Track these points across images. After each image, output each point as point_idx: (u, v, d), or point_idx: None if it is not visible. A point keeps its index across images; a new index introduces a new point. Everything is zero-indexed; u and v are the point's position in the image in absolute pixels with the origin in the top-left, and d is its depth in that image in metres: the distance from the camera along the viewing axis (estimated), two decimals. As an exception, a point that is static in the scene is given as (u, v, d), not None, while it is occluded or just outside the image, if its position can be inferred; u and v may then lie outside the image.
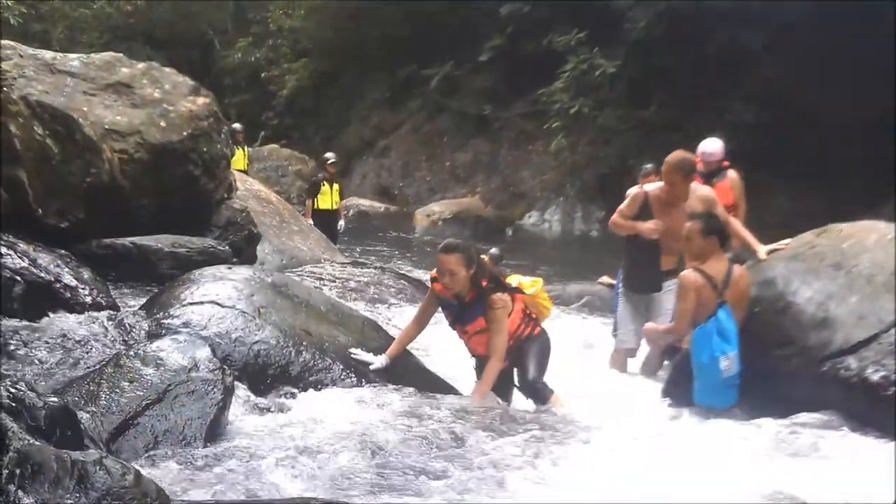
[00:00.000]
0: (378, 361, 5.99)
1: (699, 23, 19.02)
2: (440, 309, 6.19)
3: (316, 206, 14.58)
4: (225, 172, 9.10)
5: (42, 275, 6.01)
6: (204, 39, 36.45)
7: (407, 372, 6.11)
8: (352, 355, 5.99)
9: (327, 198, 14.66)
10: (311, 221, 14.00)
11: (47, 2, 32.97)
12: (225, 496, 3.86)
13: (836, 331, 5.91)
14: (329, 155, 15.54)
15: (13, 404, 3.33)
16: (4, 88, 7.06)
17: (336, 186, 14.94)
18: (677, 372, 6.58)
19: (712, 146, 9.59)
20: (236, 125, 17.90)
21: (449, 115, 27.09)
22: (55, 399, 3.67)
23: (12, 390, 3.41)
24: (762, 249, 6.86)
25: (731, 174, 9.69)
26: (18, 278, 5.78)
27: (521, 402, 6.25)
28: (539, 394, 6.09)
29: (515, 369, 6.22)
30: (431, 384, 6.17)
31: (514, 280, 6.32)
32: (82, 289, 6.20)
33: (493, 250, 11.42)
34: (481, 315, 5.90)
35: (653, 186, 7.43)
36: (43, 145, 7.10)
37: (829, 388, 5.77)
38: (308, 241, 11.90)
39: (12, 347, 5.08)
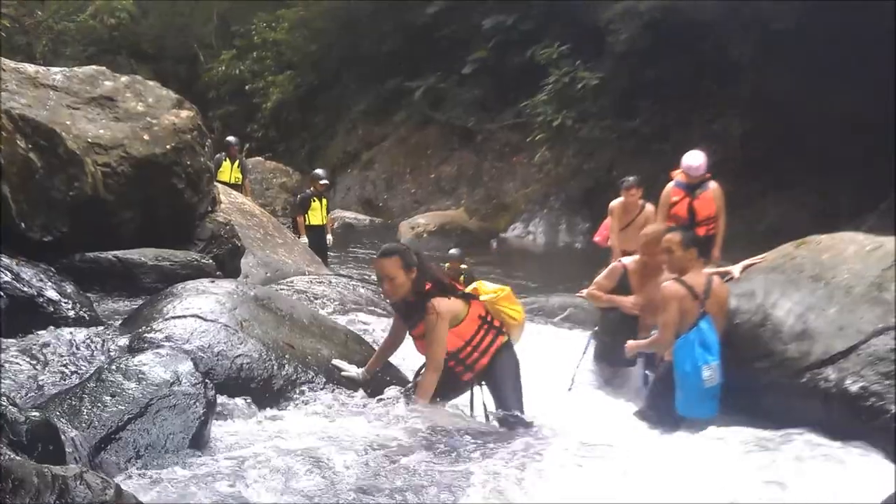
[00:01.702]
0: (356, 373, 6.00)
1: (686, 34, 19.06)
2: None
3: (307, 222, 14.56)
4: (209, 186, 9.10)
5: (25, 289, 6.01)
6: (189, 53, 36.42)
7: (390, 383, 6.11)
8: (332, 364, 6.02)
9: (318, 213, 14.64)
10: (305, 239, 13.96)
11: (31, 15, 32.88)
12: (206, 510, 3.88)
13: (815, 342, 5.97)
14: (321, 173, 15.36)
15: (-6, 419, 3.34)
16: (-13, 103, 7.07)
17: (324, 201, 14.94)
18: (660, 384, 6.62)
19: (696, 160, 9.72)
20: (231, 138, 17.82)
21: (433, 127, 27.13)
22: (37, 414, 3.68)
23: (-6, 405, 3.42)
24: (736, 269, 6.92)
25: (713, 185, 9.83)
26: (1, 293, 5.79)
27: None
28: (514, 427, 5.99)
29: (487, 389, 6.09)
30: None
31: (475, 286, 6.16)
32: (65, 303, 6.20)
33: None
34: (422, 320, 5.79)
35: (630, 260, 7.42)
36: (26, 159, 7.10)
37: (809, 399, 5.82)
38: (293, 253, 11.91)
39: (-6, 362, 5.07)
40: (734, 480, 4.96)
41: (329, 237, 15.14)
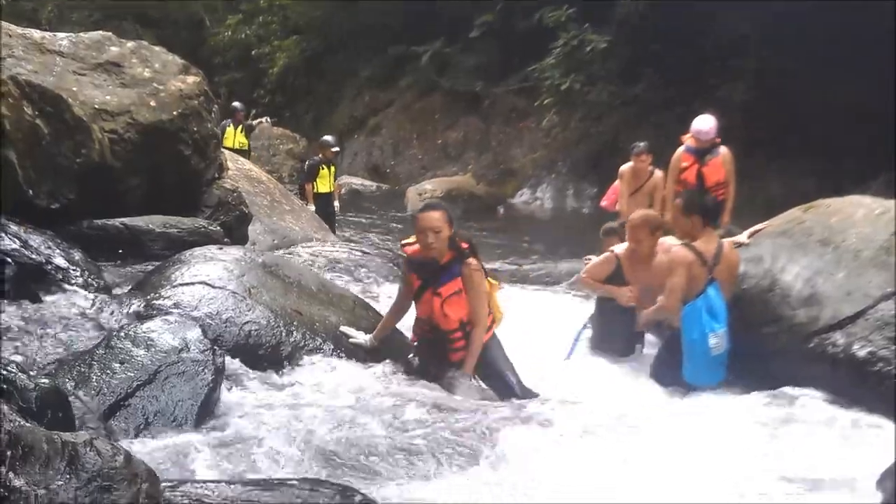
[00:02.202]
0: (363, 339, 6.02)
1: (691, 6, 18.87)
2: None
3: (315, 189, 14.49)
4: (216, 152, 9.07)
5: (33, 256, 6.02)
6: (194, 18, 36.23)
7: (397, 350, 6.12)
8: (340, 330, 6.03)
9: (326, 181, 14.51)
10: (312, 207, 13.89)
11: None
12: (215, 476, 3.89)
13: (823, 307, 5.95)
14: (330, 139, 15.14)
15: (4, 386, 3.35)
16: (-7, 69, 7.05)
17: (333, 168, 14.83)
18: (666, 350, 6.62)
19: (706, 124, 9.65)
20: (236, 104, 17.74)
21: (440, 92, 26.99)
22: (46, 380, 3.70)
23: (3, 372, 3.43)
24: (743, 235, 6.89)
25: (724, 150, 9.78)
26: (9, 260, 5.79)
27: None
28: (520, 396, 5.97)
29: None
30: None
31: None
32: (73, 270, 6.20)
33: None
34: (458, 276, 5.78)
35: (622, 248, 7.23)
36: (33, 126, 7.08)
37: (817, 364, 5.82)
38: (300, 220, 11.90)
39: (3, 329, 5.09)
40: (740, 447, 4.98)
41: (337, 204, 15.07)
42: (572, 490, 4.17)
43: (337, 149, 15.09)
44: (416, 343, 6.16)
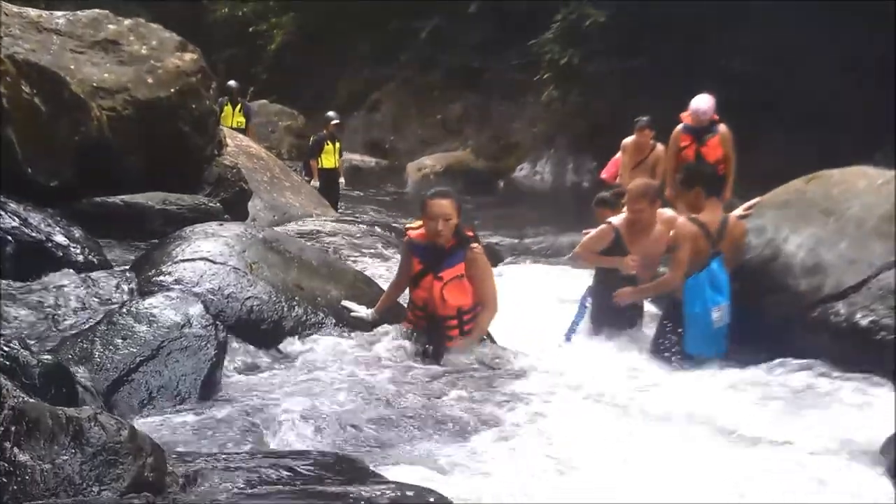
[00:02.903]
0: (365, 313, 6.01)
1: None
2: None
3: (319, 165, 14.51)
4: (215, 129, 9.06)
5: (33, 234, 6.01)
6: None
7: (398, 324, 6.10)
8: (342, 304, 6.04)
9: (330, 157, 14.59)
10: (317, 183, 13.92)
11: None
12: (219, 450, 3.89)
13: (826, 276, 5.95)
14: (331, 114, 15.33)
15: (7, 362, 3.35)
16: (-10, 48, 7.02)
17: (338, 144, 14.87)
18: (667, 321, 6.60)
19: (704, 104, 9.61)
20: (231, 83, 17.69)
21: (439, 68, 26.88)
22: (49, 357, 3.70)
23: (6, 349, 3.43)
24: (738, 211, 6.85)
25: (722, 128, 9.74)
26: (10, 238, 5.78)
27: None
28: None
29: None
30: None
31: None
32: (74, 247, 6.19)
33: None
34: (462, 261, 5.78)
35: (619, 219, 7.01)
36: (31, 104, 7.05)
37: (819, 333, 5.82)
38: (299, 196, 11.89)
39: (5, 307, 5.09)
40: (741, 417, 4.98)
41: (341, 180, 15.14)
42: (573, 468, 4.16)
43: (337, 121, 15.14)
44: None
